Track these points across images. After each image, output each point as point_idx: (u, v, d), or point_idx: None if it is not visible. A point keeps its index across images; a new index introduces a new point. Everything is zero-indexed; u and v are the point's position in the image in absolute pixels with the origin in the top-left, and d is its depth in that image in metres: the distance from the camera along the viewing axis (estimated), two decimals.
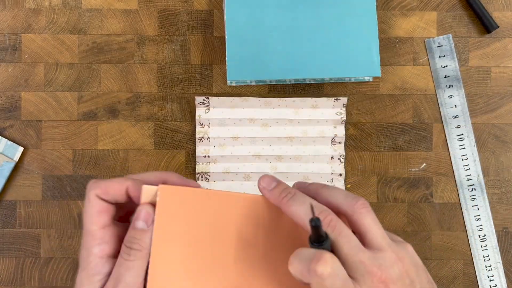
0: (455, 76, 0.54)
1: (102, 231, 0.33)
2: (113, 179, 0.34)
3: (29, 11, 0.54)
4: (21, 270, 0.53)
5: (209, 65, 0.54)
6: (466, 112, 0.54)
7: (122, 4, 0.54)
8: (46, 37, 0.54)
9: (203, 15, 0.54)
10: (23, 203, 0.53)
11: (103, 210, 0.33)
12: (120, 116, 0.54)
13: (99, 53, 0.54)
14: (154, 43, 0.54)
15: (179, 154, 0.54)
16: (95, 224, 0.33)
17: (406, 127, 0.54)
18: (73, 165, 0.53)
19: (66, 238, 0.53)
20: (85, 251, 0.33)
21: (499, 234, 0.54)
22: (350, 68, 0.51)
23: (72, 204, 0.53)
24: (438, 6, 0.55)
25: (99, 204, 0.33)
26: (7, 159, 0.53)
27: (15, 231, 0.53)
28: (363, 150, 0.54)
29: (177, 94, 0.54)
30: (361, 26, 0.51)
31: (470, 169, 0.54)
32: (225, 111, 0.54)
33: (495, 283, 0.54)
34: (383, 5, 0.55)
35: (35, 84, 0.54)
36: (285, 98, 0.54)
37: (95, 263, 0.33)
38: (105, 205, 0.34)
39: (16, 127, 0.53)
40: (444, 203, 0.54)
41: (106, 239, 0.33)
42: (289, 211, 0.33)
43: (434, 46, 0.54)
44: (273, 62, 0.51)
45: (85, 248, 0.33)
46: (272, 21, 0.51)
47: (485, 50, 0.55)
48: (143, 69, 0.54)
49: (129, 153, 0.54)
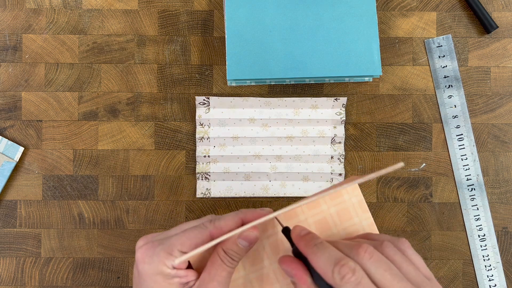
0: (454, 76, 0.54)
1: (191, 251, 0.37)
2: (229, 218, 0.38)
3: (30, 12, 0.54)
4: (21, 270, 0.53)
5: (209, 65, 0.54)
6: (466, 112, 0.54)
7: (123, 5, 0.54)
8: (47, 37, 0.54)
9: (203, 15, 0.54)
10: (23, 203, 0.53)
11: (201, 245, 0.36)
12: (120, 116, 0.54)
13: (99, 53, 0.54)
14: (155, 43, 0.54)
15: (179, 154, 0.54)
16: (186, 247, 0.36)
17: (406, 127, 0.54)
18: (74, 165, 0.54)
19: (66, 238, 0.53)
20: None
21: (498, 234, 0.54)
22: (351, 67, 0.51)
23: (72, 204, 0.53)
24: (437, 6, 0.55)
25: (205, 241, 0.37)
26: (7, 159, 0.53)
27: (16, 231, 0.53)
28: (363, 150, 0.54)
29: (177, 94, 0.54)
30: (362, 25, 0.51)
31: (469, 169, 0.54)
32: (225, 111, 0.54)
33: (495, 282, 0.54)
34: (382, 6, 0.55)
35: (36, 84, 0.54)
36: (285, 98, 0.54)
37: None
38: (206, 242, 0.37)
39: (16, 127, 0.54)
40: (443, 203, 0.54)
41: None
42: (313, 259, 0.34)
43: (433, 46, 0.54)
44: (273, 61, 0.51)
45: None
46: (272, 20, 0.51)
47: (484, 50, 0.55)
48: (143, 69, 0.54)
49: (130, 153, 0.54)
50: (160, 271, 0.35)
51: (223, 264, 0.36)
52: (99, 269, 0.53)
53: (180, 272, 0.36)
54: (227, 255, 0.37)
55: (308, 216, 0.39)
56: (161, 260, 0.36)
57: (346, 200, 0.41)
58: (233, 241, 0.37)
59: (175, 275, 0.36)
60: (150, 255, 0.36)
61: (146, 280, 0.36)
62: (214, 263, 0.37)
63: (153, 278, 0.36)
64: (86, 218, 0.53)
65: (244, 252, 0.38)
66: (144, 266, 0.36)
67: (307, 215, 0.40)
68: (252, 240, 0.37)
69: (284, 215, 0.39)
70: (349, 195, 0.41)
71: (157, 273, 0.36)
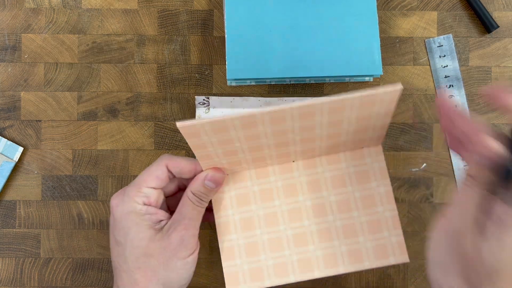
0: (455, 76, 0.54)
1: (156, 186, 0.41)
2: (183, 158, 0.41)
3: (29, 11, 0.54)
4: (20, 270, 0.53)
5: (209, 65, 0.54)
6: (467, 112, 0.54)
7: (122, 4, 0.54)
8: (46, 37, 0.54)
9: (203, 15, 0.54)
10: (22, 203, 0.53)
11: (164, 179, 0.40)
12: (120, 116, 0.54)
13: (99, 53, 0.54)
14: (154, 43, 0.54)
15: (179, 154, 0.54)
16: (151, 182, 0.40)
17: (406, 127, 0.54)
18: (73, 165, 0.53)
19: (65, 238, 0.53)
20: (135, 186, 0.40)
21: None
22: (351, 67, 0.51)
23: (72, 204, 0.53)
24: (438, 6, 0.55)
25: (164, 172, 0.40)
26: (6, 159, 0.52)
27: (15, 231, 0.53)
28: None
29: (177, 94, 0.54)
30: (362, 25, 0.51)
31: None
32: (225, 111, 0.54)
33: None
34: (383, 5, 0.55)
35: (35, 84, 0.54)
36: (285, 98, 0.54)
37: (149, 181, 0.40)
38: (166, 176, 0.40)
39: (15, 127, 0.53)
40: (444, 203, 0.54)
41: (156, 193, 0.41)
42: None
43: (434, 46, 0.54)
44: (273, 61, 0.50)
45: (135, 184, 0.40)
46: (273, 20, 0.51)
47: (485, 50, 0.55)
48: (143, 69, 0.54)
49: (129, 153, 0.54)
50: (132, 208, 0.39)
51: (193, 204, 0.40)
52: (99, 270, 0.53)
53: (151, 209, 0.39)
54: (195, 196, 0.40)
55: (326, 170, 0.40)
56: (131, 198, 0.39)
57: (367, 163, 0.42)
58: (200, 183, 0.40)
59: (146, 211, 0.39)
60: (121, 198, 0.40)
61: (121, 221, 0.39)
62: (184, 204, 0.40)
63: (127, 217, 0.39)
64: (86, 218, 0.53)
65: (212, 193, 0.41)
66: (117, 209, 0.40)
67: (325, 168, 0.40)
68: (218, 181, 0.41)
69: None
70: (371, 158, 0.42)
71: (129, 211, 0.39)
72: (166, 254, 0.38)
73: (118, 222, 0.39)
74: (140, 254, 0.38)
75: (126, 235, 0.39)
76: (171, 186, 0.44)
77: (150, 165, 0.41)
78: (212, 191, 0.41)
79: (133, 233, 0.39)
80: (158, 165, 0.40)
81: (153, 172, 0.40)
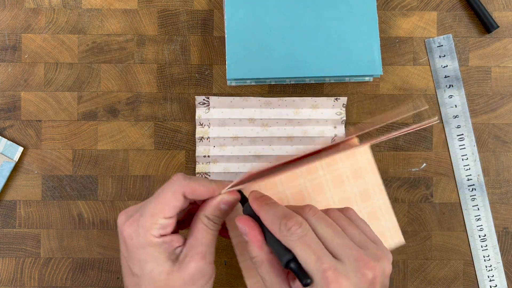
0: (455, 76, 0.54)
1: (173, 215, 0.38)
2: (199, 181, 0.39)
3: (29, 11, 0.54)
4: (21, 270, 0.53)
5: (209, 65, 0.54)
6: (466, 112, 0.54)
7: (122, 4, 0.54)
8: (46, 37, 0.54)
9: (203, 15, 0.54)
10: (23, 203, 0.53)
11: (180, 206, 0.38)
12: (120, 116, 0.54)
13: (99, 53, 0.54)
14: (154, 43, 0.54)
15: (179, 154, 0.54)
16: (168, 212, 0.38)
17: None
18: (73, 165, 0.53)
19: (66, 238, 0.53)
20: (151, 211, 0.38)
21: (499, 234, 0.54)
22: (351, 67, 0.51)
23: (72, 204, 0.53)
24: (438, 6, 0.55)
25: (181, 200, 0.38)
26: (7, 159, 0.52)
27: (15, 231, 0.53)
28: None
29: (177, 94, 0.54)
30: (362, 25, 0.51)
31: (470, 169, 0.54)
32: (225, 111, 0.54)
33: (495, 283, 0.54)
34: (383, 5, 0.55)
35: (35, 84, 0.54)
36: (285, 98, 0.54)
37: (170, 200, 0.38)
38: (183, 203, 0.38)
39: (16, 127, 0.53)
40: (444, 203, 0.54)
41: (172, 221, 0.38)
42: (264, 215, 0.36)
43: (434, 46, 0.54)
44: (273, 61, 0.50)
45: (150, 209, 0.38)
46: (273, 20, 0.51)
47: (485, 50, 0.55)
48: (143, 69, 0.54)
49: (129, 153, 0.54)
50: (148, 242, 0.37)
51: (208, 228, 0.38)
52: (99, 270, 0.53)
53: (167, 238, 0.38)
54: (210, 221, 0.39)
55: (327, 173, 0.43)
56: (147, 231, 0.37)
57: (358, 160, 0.45)
58: (215, 207, 0.39)
59: (163, 242, 0.37)
60: (135, 230, 0.37)
61: (137, 254, 0.37)
62: (199, 229, 0.38)
63: (143, 251, 0.37)
64: (86, 218, 0.53)
65: (225, 215, 0.40)
66: (132, 241, 0.37)
67: (326, 171, 0.43)
68: (233, 204, 0.39)
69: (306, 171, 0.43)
70: (361, 156, 0.45)
71: (146, 245, 0.37)
72: (185, 286, 0.37)
73: (134, 254, 0.38)
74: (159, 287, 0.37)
75: (143, 268, 0.37)
76: (184, 204, 0.42)
77: (165, 190, 0.38)
78: (227, 213, 0.40)
79: (151, 267, 0.37)
80: (174, 192, 0.38)
81: (169, 202, 0.38)
